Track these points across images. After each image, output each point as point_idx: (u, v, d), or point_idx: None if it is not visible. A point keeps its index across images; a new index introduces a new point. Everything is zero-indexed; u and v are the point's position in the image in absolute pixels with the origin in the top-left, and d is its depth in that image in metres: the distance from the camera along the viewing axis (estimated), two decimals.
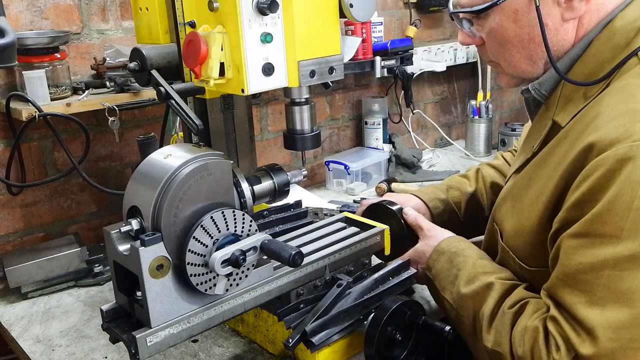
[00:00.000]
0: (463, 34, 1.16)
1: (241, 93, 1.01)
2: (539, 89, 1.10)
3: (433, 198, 1.49)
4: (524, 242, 1.08)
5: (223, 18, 0.99)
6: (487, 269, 1.12)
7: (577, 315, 0.91)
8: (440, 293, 1.17)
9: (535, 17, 1.02)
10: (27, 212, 1.69)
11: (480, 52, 1.19)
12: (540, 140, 1.09)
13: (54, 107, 1.50)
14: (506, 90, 3.12)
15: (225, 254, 0.96)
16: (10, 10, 1.58)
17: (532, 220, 1.04)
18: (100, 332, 1.17)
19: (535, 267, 1.07)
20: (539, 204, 1.02)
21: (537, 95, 1.10)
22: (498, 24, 1.07)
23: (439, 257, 1.20)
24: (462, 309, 1.10)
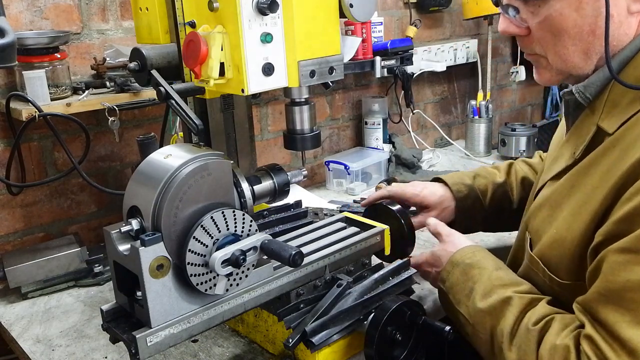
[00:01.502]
0: (506, 21, 1.06)
1: (241, 93, 1.01)
2: (583, 91, 1.02)
3: (457, 182, 1.47)
4: (561, 254, 1.01)
5: (223, 18, 0.99)
6: (504, 281, 1.08)
7: (620, 334, 0.85)
8: (455, 307, 1.12)
9: (600, 7, 0.93)
10: (27, 212, 1.69)
11: (522, 43, 1.08)
12: (583, 146, 1.01)
13: (54, 107, 1.50)
14: (506, 90, 3.12)
15: (225, 254, 0.96)
16: (10, 10, 1.58)
17: (574, 232, 0.97)
18: (100, 332, 1.17)
19: (569, 281, 1.01)
20: (583, 214, 0.96)
21: (581, 99, 1.03)
22: (557, 11, 0.97)
23: (453, 269, 1.15)
24: (479, 324, 1.05)
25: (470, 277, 1.11)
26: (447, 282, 1.16)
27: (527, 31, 1.04)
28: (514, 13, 1.03)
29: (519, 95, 3.21)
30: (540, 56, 1.06)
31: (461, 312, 1.10)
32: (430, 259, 1.26)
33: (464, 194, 1.45)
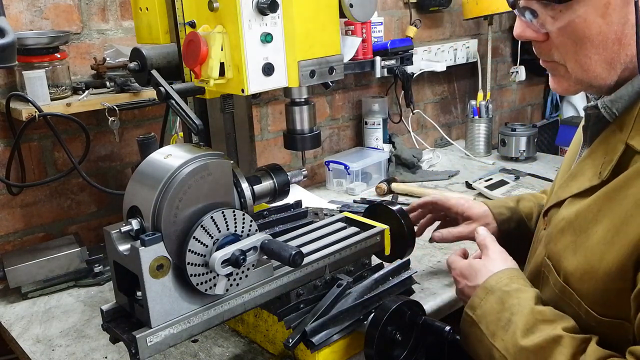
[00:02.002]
0: (523, 25, 0.97)
1: (241, 93, 1.01)
2: (610, 106, 0.94)
3: (500, 205, 1.39)
4: (594, 287, 0.91)
5: (223, 18, 0.99)
6: (548, 316, 0.96)
7: None
8: (489, 339, 0.99)
9: (628, 14, 0.86)
10: (27, 212, 1.69)
11: (539, 49, 0.99)
12: (611, 166, 0.92)
13: (54, 107, 1.50)
14: (506, 90, 3.12)
15: (226, 254, 0.96)
16: (10, 10, 1.58)
17: (609, 264, 0.88)
18: (100, 332, 1.17)
19: (608, 318, 0.91)
20: (617, 245, 0.87)
21: (607, 114, 0.95)
22: (581, 17, 0.89)
23: (487, 296, 1.03)
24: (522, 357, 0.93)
25: (508, 307, 0.99)
26: (479, 310, 1.03)
27: (546, 37, 0.96)
28: (531, 17, 0.95)
29: (519, 95, 3.21)
30: (558, 64, 0.97)
31: (496, 347, 0.97)
32: (465, 270, 1.14)
33: (506, 216, 1.37)
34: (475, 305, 1.04)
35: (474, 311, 1.04)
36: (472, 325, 1.04)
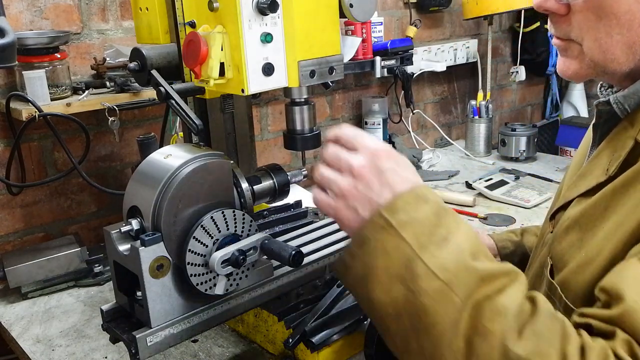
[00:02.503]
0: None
1: (241, 93, 1.00)
2: (622, 102, 0.89)
3: (504, 239, 1.32)
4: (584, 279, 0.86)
5: (223, 18, 0.99)
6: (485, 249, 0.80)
7: None
8: (413, 249, 0.73)
9: None
10: (27, 212, 1.69)
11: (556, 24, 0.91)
12: (618, 162, 0.88)
13: (54, 107, 1.50)
14: (506, 90, 3.12)
15: (225, 254, 0.96)
16: (10, 10, 1.58)
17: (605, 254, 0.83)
18: (100, 332, 1.17)
19: None
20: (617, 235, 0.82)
21: (619, 110, 0.90)
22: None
23: (419, 204, 0.77)
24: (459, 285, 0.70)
25: (446, 224, 0.76)
26: (404, 214, 0.76)
27: (567, 9, 0.88)
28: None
29: (519, 95, 3.21)
30: (573, 42, 0.89)
31: (423, 261, 0.72)
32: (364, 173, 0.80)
33: (510, 250, 1.30)
34: (398, 208, 0.76)
35: (396, 215, 0.75)
36: (384, 231, 0.75)
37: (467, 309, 0.68)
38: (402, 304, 0.71)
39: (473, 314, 0.68)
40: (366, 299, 0.76)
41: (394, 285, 0.72)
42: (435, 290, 0.70)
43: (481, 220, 1.88)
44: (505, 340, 0.66)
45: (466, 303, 0.69)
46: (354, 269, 0.77)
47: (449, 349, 0.68)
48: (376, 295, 0.74)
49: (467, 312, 0.68)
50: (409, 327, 0.71)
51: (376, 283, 0.74)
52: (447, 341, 0.68)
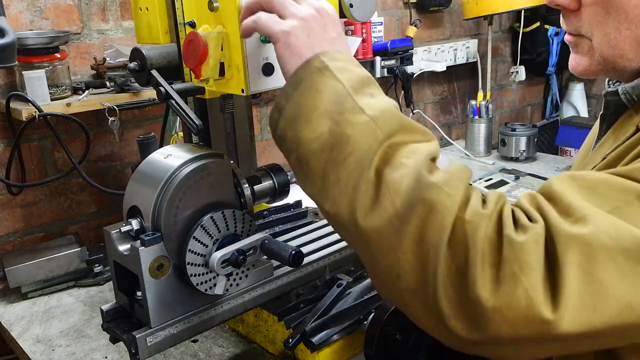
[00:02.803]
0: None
1: (241, 93, 1.00)
2: (630, 92, 0.88)
3: None
4: None
5: (223, 18, 0.99)
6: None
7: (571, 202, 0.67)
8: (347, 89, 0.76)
9: None
10: (27, 212, 1.69)
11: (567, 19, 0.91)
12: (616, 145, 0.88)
13: (54, 107, 1.50)
14: (506, 90, 3.12)
15: (225, 254, 0.96)
16: (10, 10, 1.58)
17: None
18: (100, 332, 1.17)
19: None
20: None
21: (627, 100, 0.89)
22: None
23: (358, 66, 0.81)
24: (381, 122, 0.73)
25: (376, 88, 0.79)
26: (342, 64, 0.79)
27: (578, 5, 0.88)
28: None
29: (519, 95, 3.21)
30: (584, 38, 0.89)
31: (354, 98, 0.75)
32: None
33: None
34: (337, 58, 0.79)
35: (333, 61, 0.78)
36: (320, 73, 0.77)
37: (384, 146, 0.71)
38: (326, 137, 0.73)
39: (388, 151, 0.71)
40: (295, 141, 0.77)
41: (321, 120, 0.74)
42: (359, 122, 0.72)
43: None
44: (418, 168, 0.69)
45: (385, 140, 0.71)
46: (286, 110, 0.78)
47: (363, 179, 0.70)
48: (304, 134, 0.75)
49: (383, 149, 0.71)
50: (329, 159, 0.73)
51: (305, 122, 0.75)
52: (362, 170, 0.70)
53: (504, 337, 0.64)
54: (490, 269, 0.64)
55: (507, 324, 0.63)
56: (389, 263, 0.68)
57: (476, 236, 0.64)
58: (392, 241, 0.67)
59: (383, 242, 0.68)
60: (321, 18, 0.83)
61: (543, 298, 0.62)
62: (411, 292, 0.68)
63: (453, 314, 0.65)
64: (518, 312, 0.62)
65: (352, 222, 0.70)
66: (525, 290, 0.62)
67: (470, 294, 0.64)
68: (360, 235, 0.70)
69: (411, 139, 0.74)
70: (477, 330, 0.65)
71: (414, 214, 0.66)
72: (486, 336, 0.64)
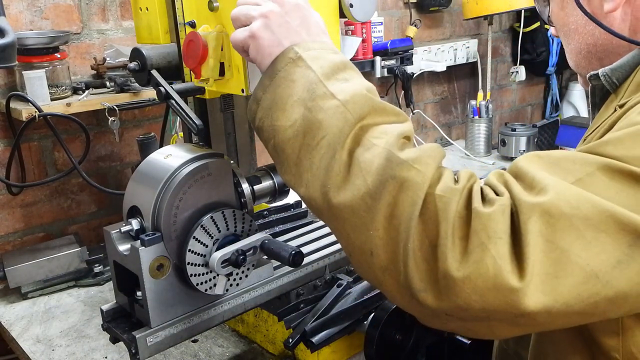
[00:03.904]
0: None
1: (241, 93, 1.00)
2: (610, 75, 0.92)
3: None
4: None
5: (223, 18, 0.99)
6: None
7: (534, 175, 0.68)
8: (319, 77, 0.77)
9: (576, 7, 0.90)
10: (27, 212, 1.69)
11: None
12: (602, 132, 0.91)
13: (54, 107, 1.50)
14: (506, 90, 3.12)
15: (225, 254, 0.96)
16: (10, 10, 1.58)
17: None
18: (100, 332, 1.17)
19: None
20: None
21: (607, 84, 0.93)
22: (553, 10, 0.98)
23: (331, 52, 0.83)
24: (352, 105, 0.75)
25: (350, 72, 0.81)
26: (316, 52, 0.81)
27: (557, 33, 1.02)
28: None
29: (519, 95, 3.21)
30: None
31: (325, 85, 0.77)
32: None
33: None
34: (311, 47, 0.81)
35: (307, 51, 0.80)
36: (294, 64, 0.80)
37: (355, 128, 0.73)
38: (299, 123, 0.75)
39: (359, 132, 0.73)
40: (271, 130, 0.79)
41: (295, 108, 0.77)
42: (330, 107, 0.74)
43: None
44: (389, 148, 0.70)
45: (356, 122, 0.73)
46: (263, 101, 0.81)
47: (335, 160, 0.72)
48: (280, 122, 0.77)
49: (354, 131, 0.73)
50: (302, 145, 0.75)
51: (280, 111, 0.78)
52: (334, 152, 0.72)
53: (474, 306, 0.65)
54: (460, 241, 0.65)
55: (476, 292, 0.64)
56: (362, 240, 0.70)
57: (448, 210, 0.66)
58: (364, 218, 0.69)
59: (356, 220, 0.70)
60: (281, 8, 0.84)
61: (510, 267, 0.63)
62: (383, 269, 0.69)
63: (424, 287, 0.67)
64: (486, 279, 0.63)
65: (325, 202, 0.72)
66: (492, 259, 0.63)
67: (440, 266, 0.65)
68: (333, 214, 0.72)
69: (383, 120, 0.76)
70: (447, 301, 0.66)
71: (385, 190, 0.68)
72: (456, 306, 0.65)
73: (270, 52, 0.82)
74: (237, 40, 0.85)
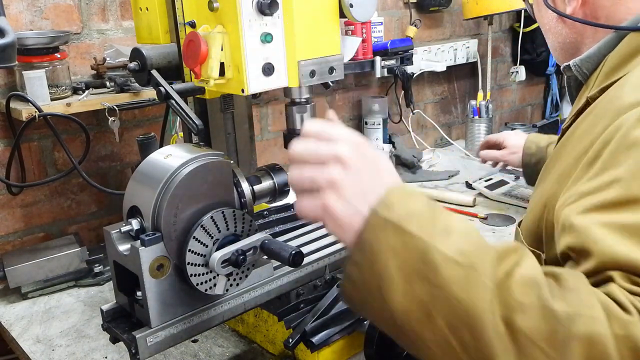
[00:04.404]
0: None
1: (241, 93, 1.00)
2: (580, 65, 1.02)
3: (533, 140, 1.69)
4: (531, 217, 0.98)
5: (223, 18, 0.99)
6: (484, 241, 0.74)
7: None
8: (425, 240, 0.66)
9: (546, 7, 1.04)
10: (27, 212, 1.69)
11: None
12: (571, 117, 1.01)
13: (54, 107, 1.50)
14: (506, 90, 3.12)
15: (225, 254, 0.96)
16: (10, 10, 1.58)
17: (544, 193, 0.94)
18: (100, 332, 1.17)
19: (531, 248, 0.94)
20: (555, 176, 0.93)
21: (578, 74, 1.02)
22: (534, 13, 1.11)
23: (409, 197, 0.70)
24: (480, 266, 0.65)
25: (441, 214, 0.70)
26: (400, 209, 0.68)
27: None
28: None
29: (519, 95, 3.21)
30: None
31: (439, 249, 0.65)
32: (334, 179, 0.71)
33: (532, 151, 1.67)
34: (394, 203, 0.69)
35: (393, 210, 0.68)
36: (386, 230, 0.67)
37: (495, 291, 0.63)
38: (429, 302, 0.64)
39: (501, 293, 0.63)
40: (386, 312, 0.67)
41: (414, 284, 0.65)
42: (461, 277, 0.64)
43: (481, 220, 1.88)
44: (545, 303, 0.62)
45: (494, 285, 0.64)
46: (362, 282, 0.68)
47: (494, 334, 0.62)
48: (396, 302, 0.66)
49: (496, 293, 0.63)
50: (444, 325, 0.64)
51: (393, 288, 0.66)
52: (489, 326, 0.62)
53: None
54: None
55: None
56: None
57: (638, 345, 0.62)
58: None
59: None
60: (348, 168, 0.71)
61: None
62: None
63: None
64: None
65: None
66: None
67: None
68: None
69: (512, 263, 0.66)
70: None
71: (571, 353, 0.61)
72: None
73: (350, 224, 0.70)
74: (308, 213, 0.74)
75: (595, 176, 0.77)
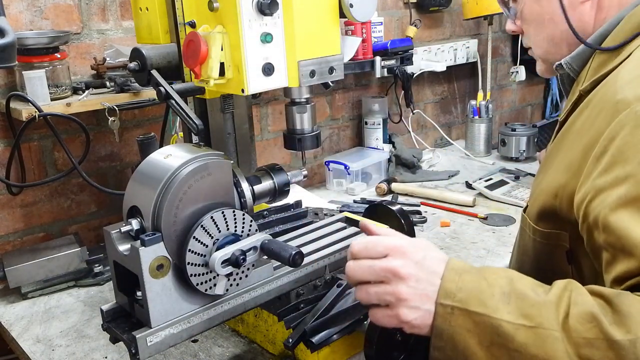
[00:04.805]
0: (509, 21, 1.20)
1: (241, 93, 1.01)
2: (570, 63, 1.08)
3: None
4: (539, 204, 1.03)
5: (223, 18, 0.99)
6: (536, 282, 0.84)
7: None
8: (490, 317, 0.78)
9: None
10: (27, 212, 1.69)
11: (522, 40, 1.22)
12: (566, 111, 1.07)
13: (54, 107, 1.50)
14: (506, 90, 3.12)
15: (225, 254, 0.96)
16: (10, 10, 1.58)
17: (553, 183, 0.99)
18: (100, 332, 1.17)
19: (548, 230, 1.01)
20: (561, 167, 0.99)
21: (570, 71, 1.09)
22: (526, 4, 1.12)
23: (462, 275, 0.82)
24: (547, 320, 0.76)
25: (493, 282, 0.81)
26: (460, 292, 0.81)
27: (520, 28, 1.17)
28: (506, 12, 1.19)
29: (519, 95, 3.21)
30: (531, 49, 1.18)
31: (505, 320, 0.77)
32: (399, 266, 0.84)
33: None
34: (452, 289, 0.81)
35: (454, 297, 0.80)
36: (454, 315, 0.80)
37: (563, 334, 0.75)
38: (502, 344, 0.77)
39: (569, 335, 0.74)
40: None
41: (495, 352, 0.78)
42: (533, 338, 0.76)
43: (481, 220, 1.88)
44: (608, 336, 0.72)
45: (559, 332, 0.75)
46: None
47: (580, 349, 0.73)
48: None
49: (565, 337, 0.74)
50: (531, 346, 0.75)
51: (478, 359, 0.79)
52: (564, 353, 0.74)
53: None
54: None
55: None
56: None
57: None
58: None
59: None
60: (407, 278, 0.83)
61: None
62: None
63: None
64: None
65: None
66: None
67: None
68: None
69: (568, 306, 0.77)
70: None
71: None
72: None
73: (423, 322, 0.83)
74: (385, 324, 0.88)
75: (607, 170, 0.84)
